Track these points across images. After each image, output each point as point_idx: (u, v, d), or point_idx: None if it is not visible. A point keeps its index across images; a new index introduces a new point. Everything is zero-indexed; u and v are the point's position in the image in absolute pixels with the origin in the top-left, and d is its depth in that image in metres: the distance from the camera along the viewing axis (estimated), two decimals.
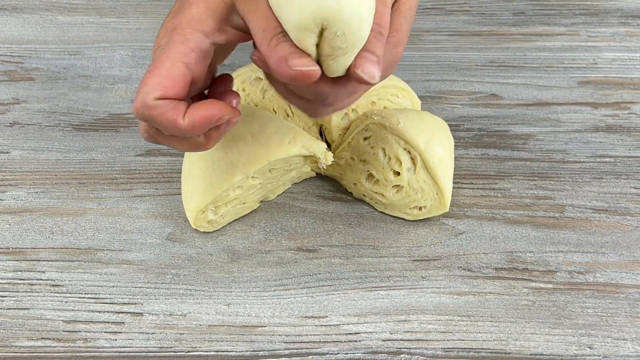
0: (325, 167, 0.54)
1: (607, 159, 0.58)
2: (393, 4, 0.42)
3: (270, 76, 0.43)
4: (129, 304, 0.49)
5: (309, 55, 0.38)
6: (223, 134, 0.43)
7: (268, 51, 0.39)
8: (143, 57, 0.66)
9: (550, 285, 0.51)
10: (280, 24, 0.39)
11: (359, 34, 0.37)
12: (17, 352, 0.47)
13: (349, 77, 0.39)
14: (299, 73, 0.37)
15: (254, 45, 0.41)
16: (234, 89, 0.49)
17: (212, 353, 0.47)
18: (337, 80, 0.40)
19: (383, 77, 0.43)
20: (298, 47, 0.38)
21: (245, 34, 0.42)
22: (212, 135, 0.43)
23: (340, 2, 0.36)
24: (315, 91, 0.40)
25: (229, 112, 0.41)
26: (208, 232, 0.53)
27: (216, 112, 0.40)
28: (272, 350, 0.47)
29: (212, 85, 0.45)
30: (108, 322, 0.49)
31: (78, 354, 0.47)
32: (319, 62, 0.38)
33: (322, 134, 0.56)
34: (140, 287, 0.50)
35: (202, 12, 0.41)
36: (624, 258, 0.52)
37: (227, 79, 0.46)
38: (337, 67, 0.38)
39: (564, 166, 0.58)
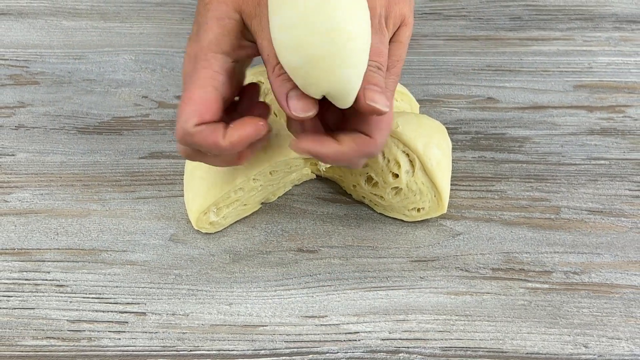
0: (325, 170, 0.55)
1: (602, 162, 0.59)
2: (392, 37, 0.44)
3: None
4: (132, 303, 0.50)
5: (307, 97, 0.40)
6: (256, 150, 0.46)
7: (272, 77, 0.41)
8: (146, 61, 0.66)
9: (546, 286, 0.51)
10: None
11: (352, 95, 0.40)
12: (22, 351, 0.47)
13: (363, 115, 0.42)
14: (295, 116, 0.40)
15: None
16: None
17: (214, 352, 0.47)
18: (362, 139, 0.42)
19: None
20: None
21: None
22: (245, 152, 0.45)
23: (342, 83, 0.39)
24: (365, 154, 0.43)
25: (263, 128, 0.43)
26: (210, 233, 0.53)
27: (252, 131, 0.42)
28: (273, 350, 0.47)
29: (241, 94, 0.47)
30: (112, 322, 0.49)
31: (82, 353, 0.47)
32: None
33: None
34: (143, 287, 0.50)
35: (219, 34, 0.42)
36: (619, 259, 0.52)
37: (255, 88, 0.47)
38: (340, 98, 0.41)
39: (559, 168, 0.58)
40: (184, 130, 0.41)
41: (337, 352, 0.47)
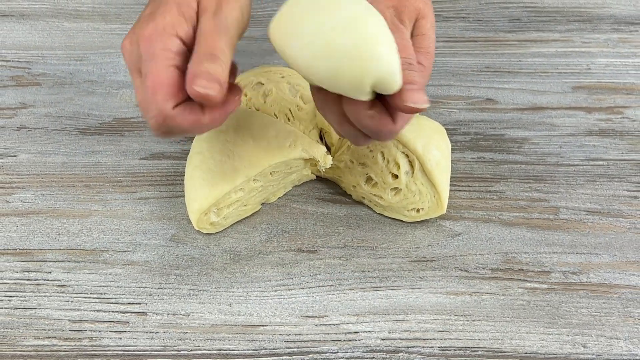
0: (325, 170, 0.55)
1: (601, 162, 0.59)
2: (412, 30, 0.45)
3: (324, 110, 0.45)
4: (133, 303, 0.50)
5: (219, 80, 0.40)
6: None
7: (190, 67, 0.41)
8: None
9: (544, 286, 0.51)
10: (220, 45, 0.42)
11: (397, 75, 0.40)
12: (24, 351, 0.47)
13: (402, 111, 0.42)
14: (197, 93, 0.40)
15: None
16: None
17: (215, 352, 0.47)
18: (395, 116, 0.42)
19: None
20: (218, 71, 0.40)
21: None
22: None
23: (384, 68, 0.39)
24: (377, 129, 0.43)
25: (239, 102, 0.43)
26: (211, 234, 0.53)
27: (232, 104, 0.43)
28: (274, 349, 0.48)
29: None
30: (113, 322, 0.49)
31: (84, 353, 0.47)
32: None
33: (322, 138, 0.57)
34: (144, 287, 0.50)
35: (176, 19, 0.42)
36: (617, 259, 0.52)
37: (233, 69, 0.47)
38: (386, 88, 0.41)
39: (558, 169, 0.58)
40: (165, 114, 0.40)
41: (337, 352, 0.47)
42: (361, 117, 0.43)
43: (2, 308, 0.49)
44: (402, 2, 0.45)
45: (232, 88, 0.44)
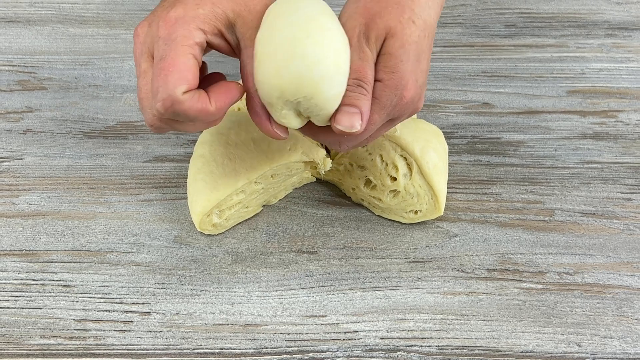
0: (324, 173, 0.55)
1: (595, 165, 0.59)
2: (380, 49, 0.43)
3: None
4: (137, 303, 0.50)
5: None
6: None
7: (246, 85, 0.43)
8: None
9: (540, 286, 0.51)
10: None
11: (331, 104, 0.41)
12: (30, 350, 0.47)
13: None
14: (270, 133, 0.43)
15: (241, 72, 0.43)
16: None
17: (217, 350, 0.47)
18: (329, 131, 0.43)
19: (392, 122, 0.45)
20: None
21: (234, 52, 0.44)
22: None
23: (316, 82, 0.40)
24: (324, 139, 0.45)
25: (242, 89, 0.43)
26: (213, 235, 0.54)
27: (237, 94, 0.43)
28: (274, 348, 0.48)
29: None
30: (117, 321, 0.49)
31: (88, 352, 0.47)
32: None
33: None
34: (148, 288, 0.51)
35: (209, 14, 0.42)
36: (611, 260, 0.52)
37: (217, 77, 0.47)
38: (320, 122, 0.42)
39: (553, 172, 0.58)
40: (173, 98, 0.39)
41: (337, 351, 0.48)
42: (313, 131, 0.44)
43: (8, 308, 0.49)
44: (374, 20, 0.42)
45: (214, 76, 0.45)
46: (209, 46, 0.43)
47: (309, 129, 0.44)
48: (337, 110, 0.41)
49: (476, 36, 0.70)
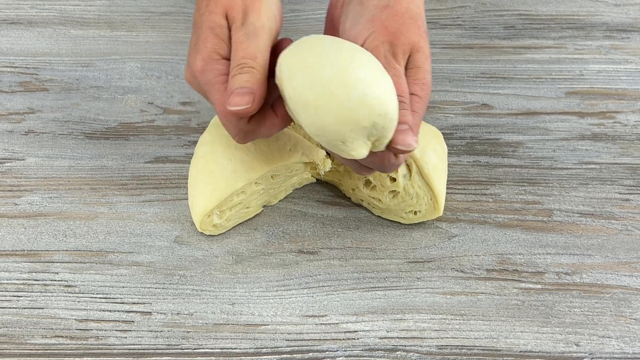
0: (324, 174, 0.55)
1: (593, 166, 0.59)
2: (407, 64, 0.45)
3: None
4: (138, 303, 0.50)
5: (252, 92, 0.42)
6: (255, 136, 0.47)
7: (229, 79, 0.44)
8: (152, 68, 0.66)
9: (538, 286, 0.51)
10: (251, 50, 0.43)
11: (393, 125, 0.41)
12: (32, 350, 0.47)
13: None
14: (233, 112, 0.42)
15: None
16: None
17: (217, 350, 0.48)
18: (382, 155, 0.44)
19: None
20: (253, 79, 0.42)
21: None
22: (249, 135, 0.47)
23: (381, 97, 0.40)
24: (380, 165, 0.45)
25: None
26: (213, 235, 0.54)
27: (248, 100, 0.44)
28: (275, 348, 0.48)
29: None
30: (118, 321, 0.49)
31: (90, 351, 0.47)
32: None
33: None
34: (149, 288, 0.51)
35: (216, 43, 0.45)
36: (609, 260, 0.53)
37: None
38: (384, 144, 0.42)
39: (552, 172, 0.58)
40: (245, 132, 0.44)
41: (337, 350, 0.48)
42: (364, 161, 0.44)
43: (10, 307, 0.49)
44: (397, 37, 0.44)
45: None
46: None
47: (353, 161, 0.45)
48: (394, 132, 0.41)
49: (475, 38, 0.70)
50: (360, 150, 0.41)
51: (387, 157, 0.43)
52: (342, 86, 0.39)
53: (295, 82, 0.41)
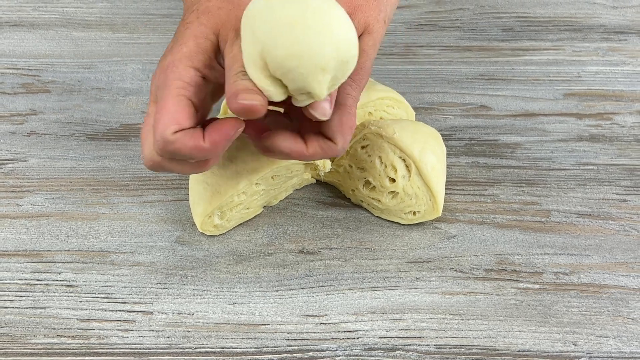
0: (324, 174, 0.55)
1: (591, 167, 0.59)
2: None
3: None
4: (139, 303, 0.50)
5: (260, 92, 0.40)
6: (221, 154, 0.44)
7: (227, 87, 0.41)
8: (153, 70, 0.65)
9: (537, 286, 0.51)
10: (242, 65, 0.41)
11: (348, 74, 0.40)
12: (34, 349, 0.47)
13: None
14: (243, 106, 0.39)
15: None
16: None
17: (218, 349, 0.48)
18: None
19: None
20: (254, 86, 0.40)
21: None
22: (214, 159, 0.44)
23: (354, 54, 0.39)
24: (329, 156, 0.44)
25: (241, 125, 0.42)
26: (214, 236, 0.54)
27: (231, 128, 0.42)
28: (275, 347, 0.48)
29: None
30: (120, 321, 0.49)
31: (91, 351, 0.47)
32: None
33: None
34: (150, 288, 0.51)
35: (193, 50, 0.42)
36: (607, 260, 0.53)
37: None
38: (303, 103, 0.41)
39: (550, 173, 0.58)
40: (164, 139, 0.40)
41: (336, 350, 0.48)
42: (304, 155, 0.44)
43: (13, 307, 0.49)
44: (355, 12, 0.44)
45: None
46: (211, 81, 0.43)
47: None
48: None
49: (474, 40, 0.70)
50: (323, 88, 0.40)
51: (328, 146, 0.43)
52: (324, 13, 0.38)
53: (269, 11, 0.39)
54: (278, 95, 0.40)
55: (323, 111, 0.41)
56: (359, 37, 0.44)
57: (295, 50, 0.38)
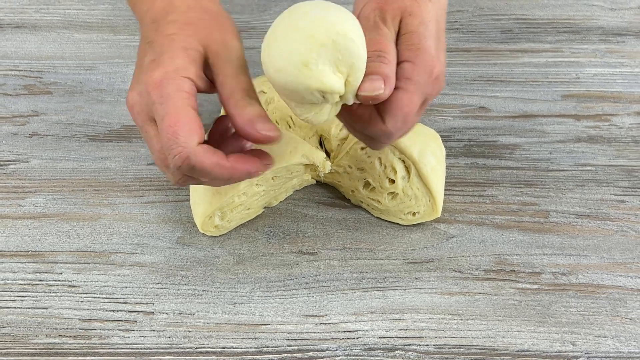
0: (324, 175, 0.55)
1: (589, 168, 0.59)
2: (400, 30, 0.42)
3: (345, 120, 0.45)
4: (141, 303, 0.50)
5: (270, 120, 0.40)
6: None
7: (235, 110, 0.40)
8: None
9: (535, 286, 0.51)
10: (248, 83, 0.41)
11: (358, 50, 0.39)
12: (36, 349, 0.47)
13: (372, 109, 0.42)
14: (264, 136, 0.40)
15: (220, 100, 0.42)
16: None
17: (219, 349, 0.48)
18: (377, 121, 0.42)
19: (425, 103, 0.43)
20: (264, 111, 0.40)
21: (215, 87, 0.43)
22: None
23: (346, 31, 0.38)
24: (373, 132, 0.43)
25: (263, 169, 0.43)
26: (215, 236, 0.54)
27: (255, 169, 0.42)
28: (275, 347, 0.48)
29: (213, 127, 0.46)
30: (121, 321, 0.49)
31: (93, 350, 0.47)
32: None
33: (321, 144, 0.57)
34: (151, 288, 0.51)
35: (186, 62, 0.41)
36: (605, 260, 0.53)
37: (226, 122, 0.46)
38: (357, 83, 0.40)
39: (548, 174, 0.58)
40: (189, 150, 0.39)
41: (336, 350, 0.48)
42: (353, 120, 0.43)
43: (15, 307, 0.50)
44: (388, 2, 0.43)
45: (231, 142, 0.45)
46: (198, 91, 0.43)
47: (346, 115, 0.43)
48: (361, 82, 0.40)
49: (473, 41, 0.70)
50: (330, 77, 0.38)
51: (374, 122, 0.42)
52: (301, 14, 0.38)
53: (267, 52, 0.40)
54: (331, 113, 0.41)
55: (369, 88, 0.40)
56: (401, 22, 0.42)
57: (275, 67, 0.39)
